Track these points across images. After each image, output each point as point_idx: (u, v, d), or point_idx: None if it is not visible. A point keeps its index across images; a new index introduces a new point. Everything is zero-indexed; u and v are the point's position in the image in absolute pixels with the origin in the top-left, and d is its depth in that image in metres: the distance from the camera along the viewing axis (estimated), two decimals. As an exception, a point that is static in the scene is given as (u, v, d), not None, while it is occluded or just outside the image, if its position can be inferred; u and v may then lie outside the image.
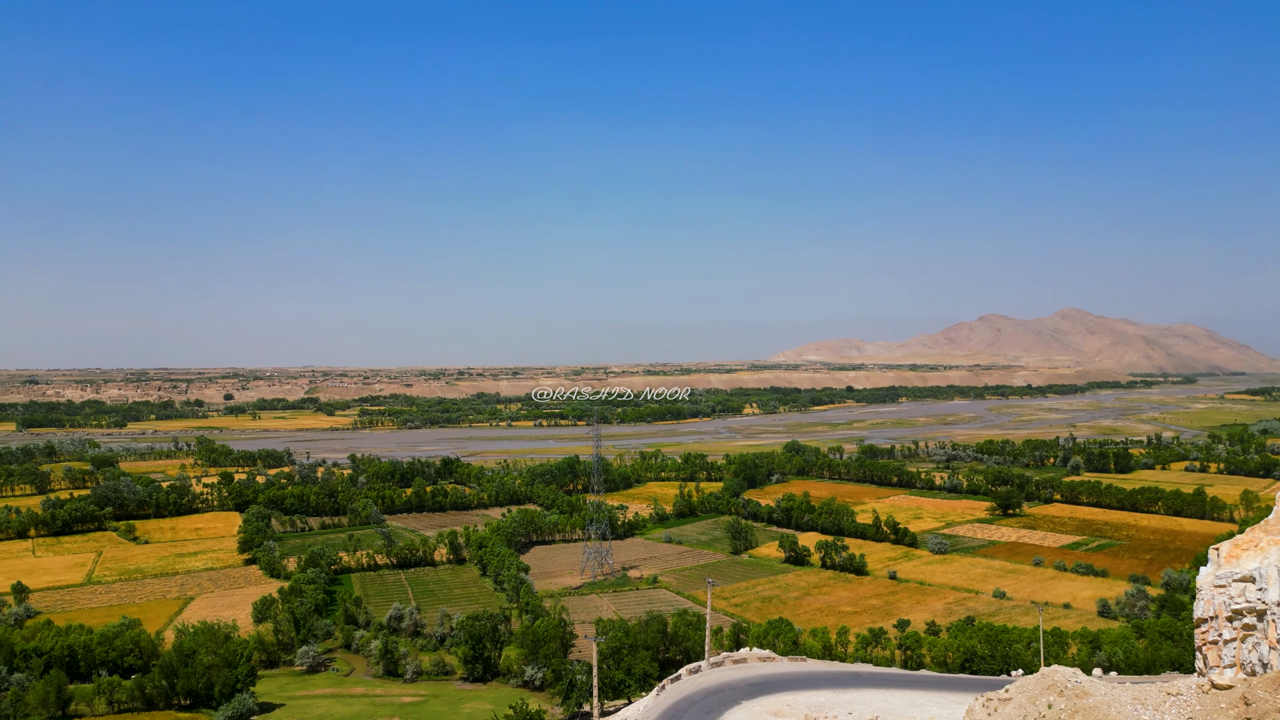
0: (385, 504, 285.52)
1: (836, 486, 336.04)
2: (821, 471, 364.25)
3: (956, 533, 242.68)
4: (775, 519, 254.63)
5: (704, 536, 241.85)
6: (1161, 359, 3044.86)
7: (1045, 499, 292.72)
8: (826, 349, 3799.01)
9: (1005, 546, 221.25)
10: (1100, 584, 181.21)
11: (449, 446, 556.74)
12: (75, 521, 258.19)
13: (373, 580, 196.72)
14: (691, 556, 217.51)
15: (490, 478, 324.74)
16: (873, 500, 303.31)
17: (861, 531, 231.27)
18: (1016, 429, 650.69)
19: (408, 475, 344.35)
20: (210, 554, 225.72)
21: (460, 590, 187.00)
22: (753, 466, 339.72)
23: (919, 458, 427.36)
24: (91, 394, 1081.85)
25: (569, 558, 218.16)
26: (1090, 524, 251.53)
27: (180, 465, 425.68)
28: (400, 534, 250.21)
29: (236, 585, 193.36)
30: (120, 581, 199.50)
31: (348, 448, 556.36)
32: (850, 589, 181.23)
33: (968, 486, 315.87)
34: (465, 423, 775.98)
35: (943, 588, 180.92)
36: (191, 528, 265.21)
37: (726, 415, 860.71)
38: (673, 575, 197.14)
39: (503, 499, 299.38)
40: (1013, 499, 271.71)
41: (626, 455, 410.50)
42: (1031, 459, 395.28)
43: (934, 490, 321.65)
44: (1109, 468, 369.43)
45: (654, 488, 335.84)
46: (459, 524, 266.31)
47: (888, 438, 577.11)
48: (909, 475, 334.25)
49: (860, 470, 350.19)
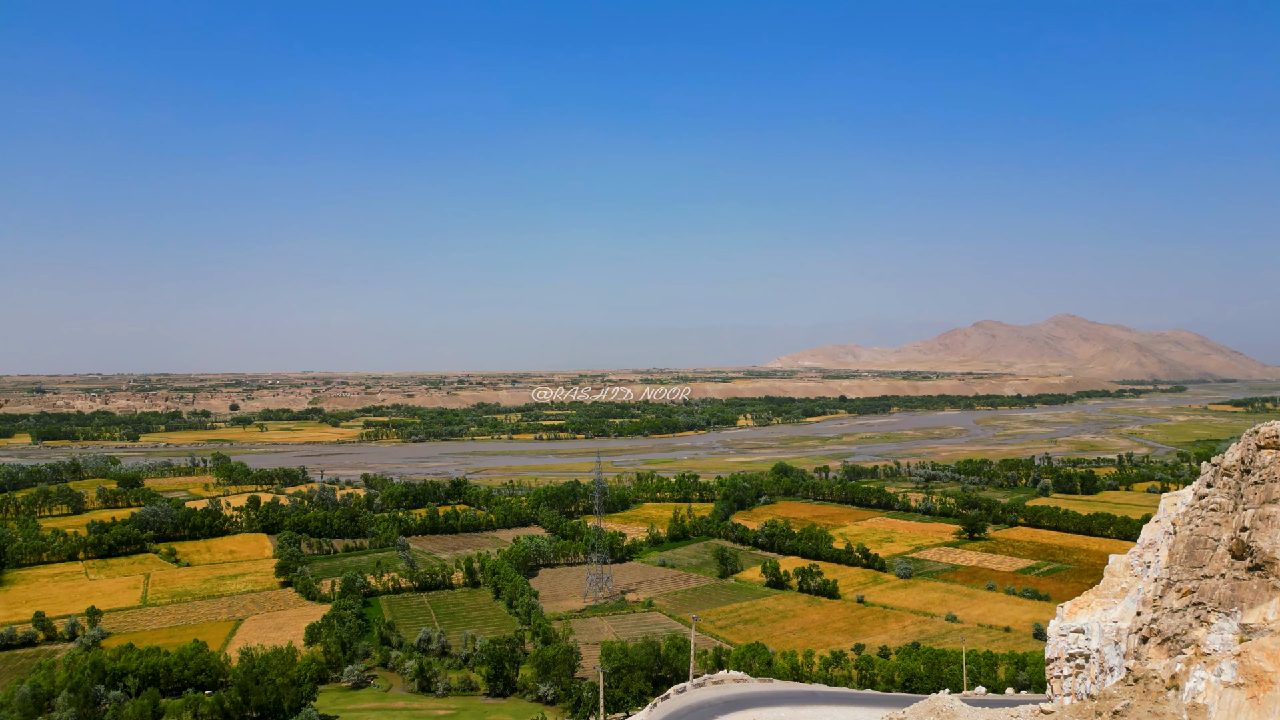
0: (401, 526, 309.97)
1: (819, 508, 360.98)
2: (806, 492, 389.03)
3: (924, 556, 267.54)
4: (760, 543, 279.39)
5: (694, 560, 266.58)
6: (1154, 365, 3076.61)
7: (1010, 522, 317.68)
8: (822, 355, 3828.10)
9: (965, 571, 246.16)
10: (1040, 608, 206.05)
11: (454, 462, 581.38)
12: (120, 544, 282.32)
13: (399, 603, 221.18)
14: (683, 580, 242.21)
15: (497, 500, 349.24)
16: (851, 522, 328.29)
17: (836, 556, 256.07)
18: (999, 444, 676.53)
19: (420, 496, 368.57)
20: (249, 576, 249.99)
21: (477, 613, 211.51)
22: (742, 489, 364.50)
23: (900, 477, 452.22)
24: (100, 404, 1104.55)
25: (573, 581, 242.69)
26: (1046, 548, 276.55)
27: (203, 484, 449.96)
28: (418, 557, 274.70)
29: (278, 608, 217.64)
30: (173, 604, 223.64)
31: (357, 463, 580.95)
32: (822, 612, 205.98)
33: (940, 509, 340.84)
34: (467, 435, 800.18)
35: (903, 611, 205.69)
36: (226, 550, 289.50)
37: (721, 428, 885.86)
38: (666, 598, 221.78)
39: (510, 521, 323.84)
40: (979, 523, 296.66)
41: (624, 475, 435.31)
42: (1005, 479, 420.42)
43: (909, 512, 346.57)
44: (1075, 489, 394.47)
45: (650, 509, 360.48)
46: (471, 546, 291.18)
47: (874, 454, 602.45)
48: (888, 497, 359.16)
49: (842, 492, 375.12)
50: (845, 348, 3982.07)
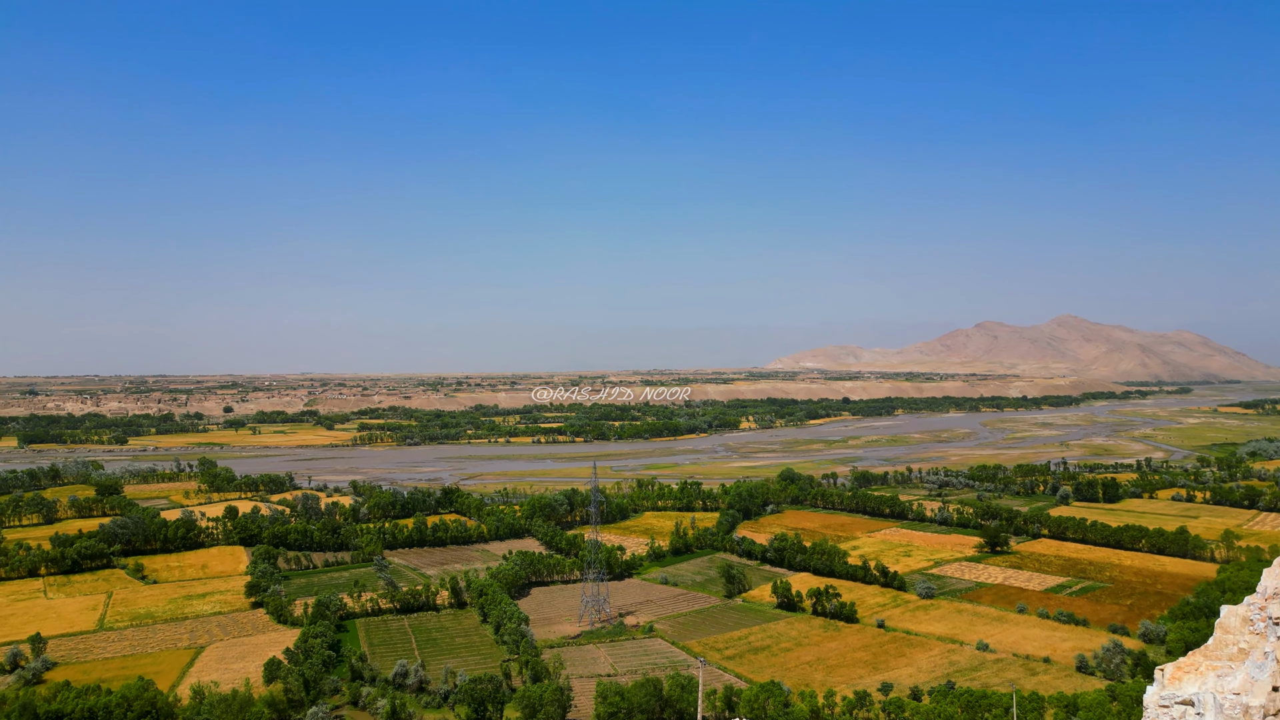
0: (387, 539, 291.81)
1: (829, 517, 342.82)
2: (815, 501, 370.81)
3: (945, 572, 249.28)
4: (769, 558, 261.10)
5: (699, 577, 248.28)
6: (1157, 366, 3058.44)
7: (1033, 534, 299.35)
8: (823, 356, 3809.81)
9: (991, 590, 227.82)
10: (1080, 634, 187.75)
11: (448, 467, 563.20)
12: (85, 559, 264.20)
13: (377, 627, 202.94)
14: (686, 600, 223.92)
15: (490, 510, 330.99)
16: (864, 534, 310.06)
17: (851, 573, 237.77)
18: (1009, 448, 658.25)
19: (408, 505, 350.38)
20: (218, 595, 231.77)
21: (462, 639, 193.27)
22: (748, 497, 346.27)
23: (911, 484, 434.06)
24: (91, 406, 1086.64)
25: (567, 601, 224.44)
26: (1075, 563, 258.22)
27: (185, 491, 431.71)
28: (402, 573, 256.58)
29: (245, 632, 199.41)
30: (132, 627, 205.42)
31: (348, 468, 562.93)
32: (839, 640, 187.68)
33: (958, 519, 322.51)
34: (463, 438, 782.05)
35: (928, 638, 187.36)
36: (198, 564, 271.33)
37: (723, 431, 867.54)
38: (668, 622, 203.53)
39: (502, 532, 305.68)
40: (1001, 535, 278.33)
41: (623, 482, 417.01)
42: (1022, 486, 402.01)
43: (925, 523, 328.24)
44: (1097, 497, 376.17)
45: (651, 519, 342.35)
46: (460, 561, 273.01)
47: (881, 459, 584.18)
48: (901, 506, 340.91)
49: (853, 500, 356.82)
50: (846, 349, 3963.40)
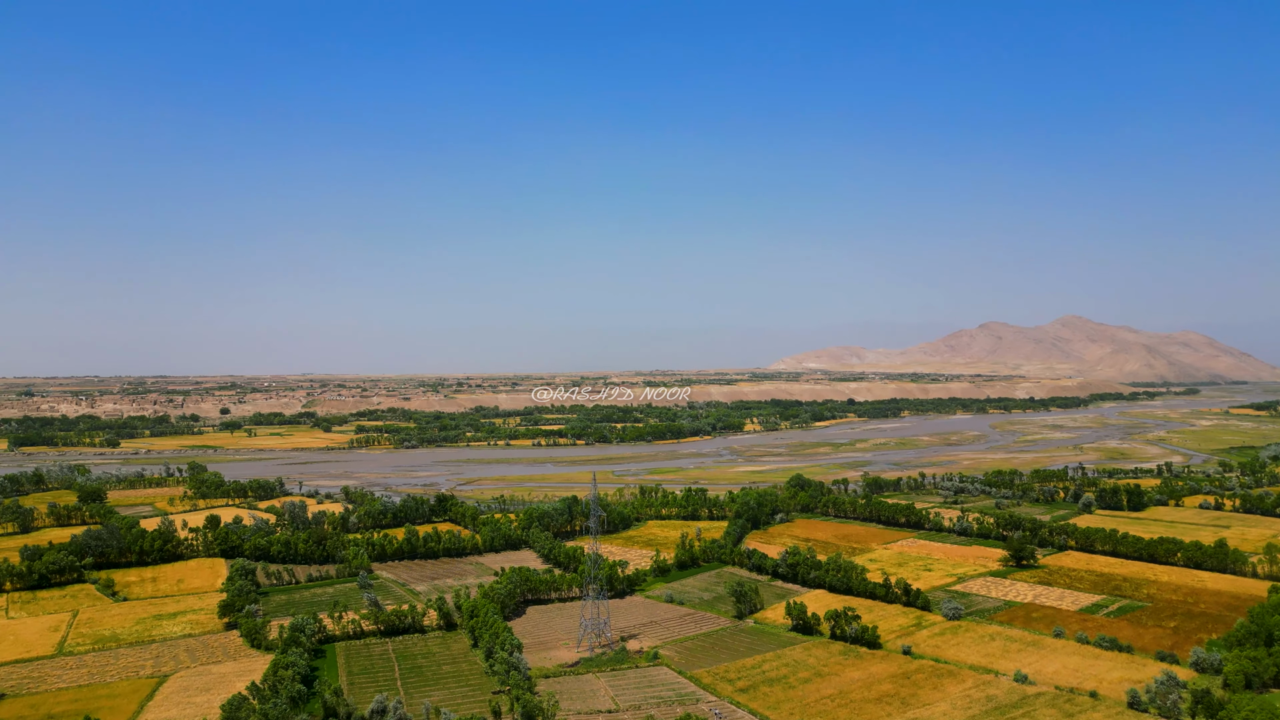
0: (375, 551, 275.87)
1: (842, 527, 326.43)
2: (827, 509, 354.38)
3: (970, 589, 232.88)
4: (781, 573, 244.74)
5: (706, 594, 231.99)
6: (1163, 367, 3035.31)
7: (1059, 546, 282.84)
8: (827, 357, 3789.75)
9: (1022, 610, 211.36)
10: (1126, 663, 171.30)
11: (445, 471, 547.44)
12: (53, 573, 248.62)
13: (358, 653, 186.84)
14: (693, 621, 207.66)
15: (485, 519, 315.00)
16: (879, 545, 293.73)
17: (871, 591, 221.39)
18: (1022, 451, 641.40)
19: (401, 515, 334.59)
20: (191, 615, 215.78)
21: (450, 667, 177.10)
22: (756, 506, 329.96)
23: (925, 490, 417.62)
24: (86, 408, 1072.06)
25: (565, 622, 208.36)
26: (1108, 579, 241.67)
27: (171, 497, 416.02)
28: (390, 589, 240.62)
29: (214, 658, 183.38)
30: (94, 652, 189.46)
31: (343, 472, 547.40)
32: (863, 668, 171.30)
33: (978, 530, 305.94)
34: (462, 441, 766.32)
35: (960, 667, 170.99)
36: (174, 579, 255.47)
37: (727, 433, 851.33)
38: (674, 647, 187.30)
39: (498, 544, 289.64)
40: (1026, 548, 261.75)
41: (626, 489, 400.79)
42: (1041, 493, 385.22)
43: (943, 533, 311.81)
44: (1121, 505, 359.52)
45: (654, 528, 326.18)
46: (452, 575, 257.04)
47: (891, 463, 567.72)
48: (918, 515, 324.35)
49: (867, 509, 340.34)
50: (850, 349, 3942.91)
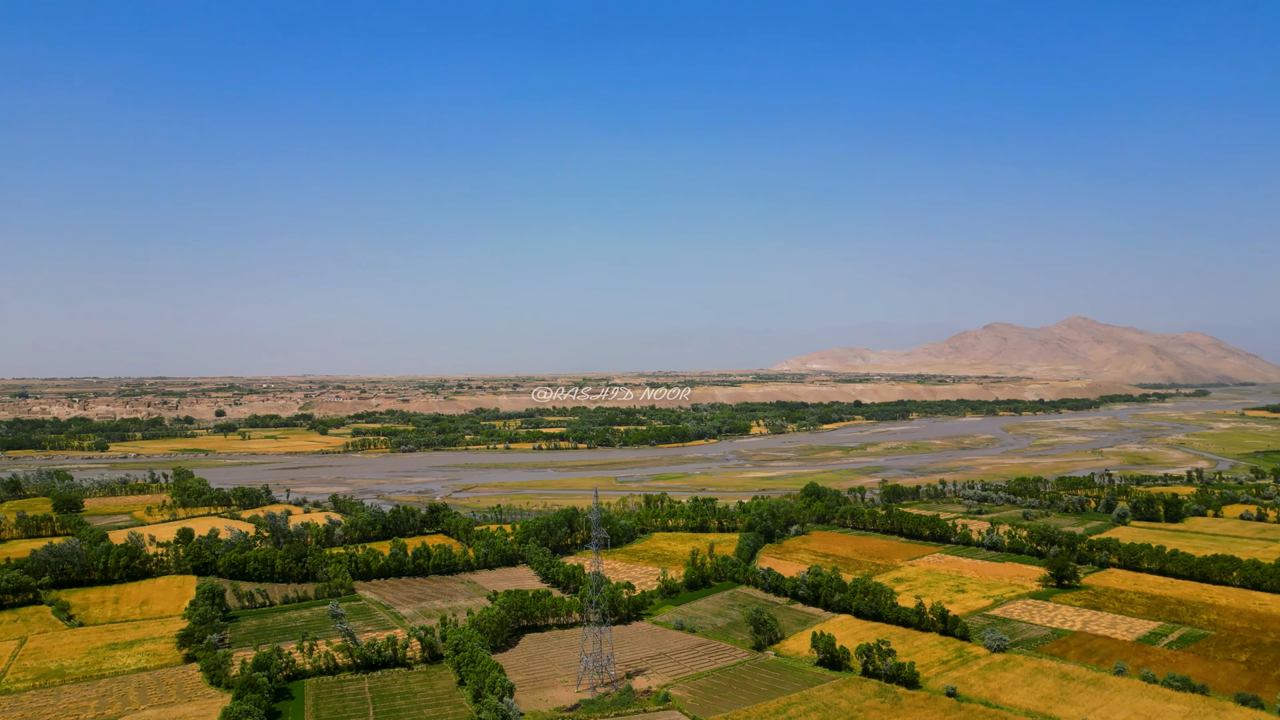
0: (359, 568, 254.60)
1: (862, 541, 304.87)
2: (844, 520, 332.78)
3: (1010, 613, 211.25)
4: (801, 595, 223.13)
5: (720, 619, 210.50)
6: (1170, 369, 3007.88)
7: (1100, 563, 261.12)
8: (831, 358, 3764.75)
9: (1073, 640, 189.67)
10: (1204, 707, 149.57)
11: (442, 477, 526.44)
12: (6, 594, 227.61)
13: (329, 691, 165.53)
14: (707, 653, 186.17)
15: (480, 532, 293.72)
16: (904, 561, 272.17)
17: (904, 618, 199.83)
18: (1039, 456, 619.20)
19: (390, 526, 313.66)
20: (149, 644, 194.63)
21: (432, 710, 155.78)
22: (769, 517, 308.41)
23: (946, 498, 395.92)
24: (78, 410, 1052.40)
25: (564, 653, 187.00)
26: (1161, 602, 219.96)
27: (153, 505, 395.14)
28: (372, 612, 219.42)
29: (168, 699, 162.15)
30: (34, 689, 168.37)
31: (336, 477, 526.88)
32: (903, 715, 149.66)
33: (1010, 544, 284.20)
34: (461, 444, 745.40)
35: (1015, 713, 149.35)
36: (139, 600, 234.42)
37: (733, 436, 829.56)
38: (686, 686, 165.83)
39: (493, 560, 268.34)
40: (1066, 566, 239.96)
41: (630, 497, 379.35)
42: (1070, 503, 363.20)
43: (971, 547, 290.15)
44: (1158, 516, 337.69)
45: (661, 541, 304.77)
46: (441, 595, 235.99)
47: (905, 469, 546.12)
48: (943, 528, 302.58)
49: (887, 520, 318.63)
50: (854, 350, 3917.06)
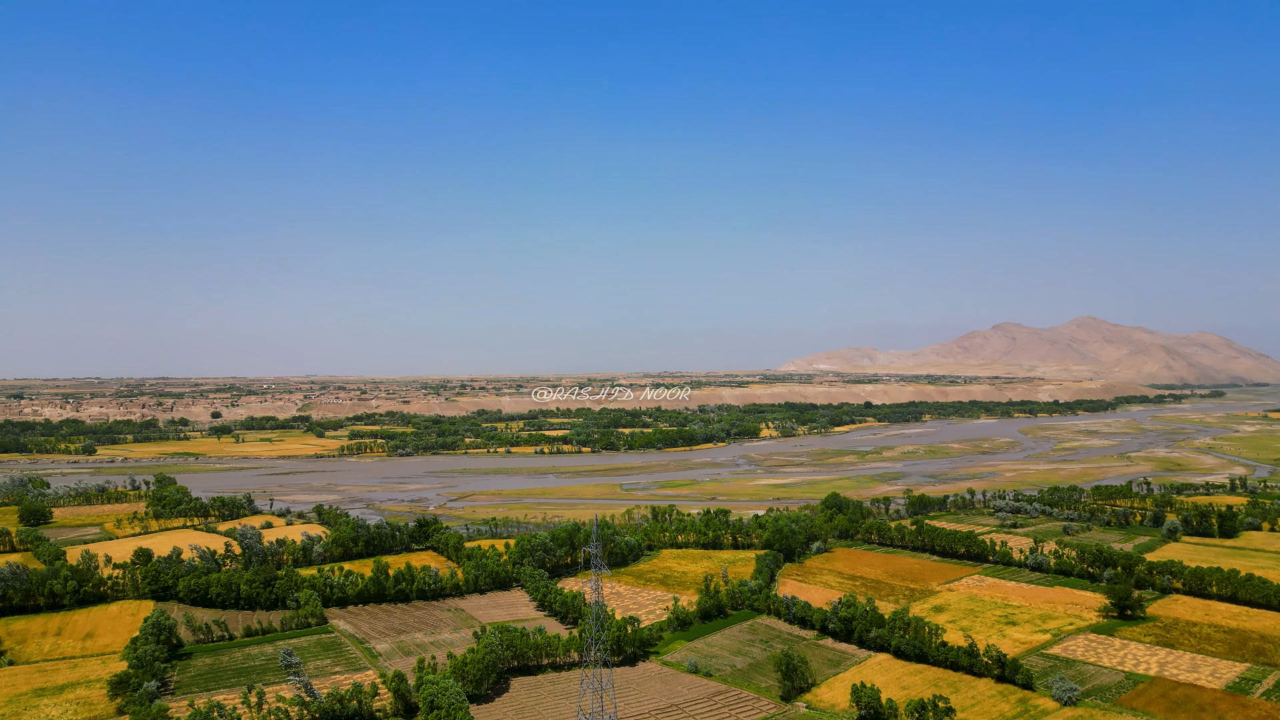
0: (334, 593, 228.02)
1: (891, 559, 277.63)
2: (869, 535, 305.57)
3: (1072, 652, 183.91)
4: (831, 629, 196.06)
5: (739, 659, 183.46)
6: (1183, 369, 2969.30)
7: (1162, 588, 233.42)
8: (838, 358, 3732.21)
9: (1154, 689, 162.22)
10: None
11: (438, 484, 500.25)
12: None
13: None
14: (727, 705, 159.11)
15: (471, 552, 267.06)
16: (940, 584, 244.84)
17: (954, 660, 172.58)
18: (1065, 461, 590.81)
19: (373, 543, 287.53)
20: (81, 689, 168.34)
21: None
22: (788, 533, 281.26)
23: (975, 510, 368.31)
24: (71, 412, 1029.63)
25: (559, 704, 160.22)
26: (1243, 637, 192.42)
27: (120, 517, 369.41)
28: (343, 648, 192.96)
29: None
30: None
31: (326, 484, 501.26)
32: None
33: (1056, 565, 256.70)
34: (460, 448, 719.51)
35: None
36: (84, 630, 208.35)
37: (742, 439, 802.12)
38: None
39: (483, 583, 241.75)
40: (1129, 594, 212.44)
41: (636, 509, 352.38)
42: (1114, 516, 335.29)
43: (1013, 568, 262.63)
44: (1212, 530, 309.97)
45: (670, 560, 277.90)
46: (424, 625, 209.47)
47: (926, 475, 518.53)
48: (980, 546, 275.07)
49: (917, 536, 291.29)
50: (861, 350, 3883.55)
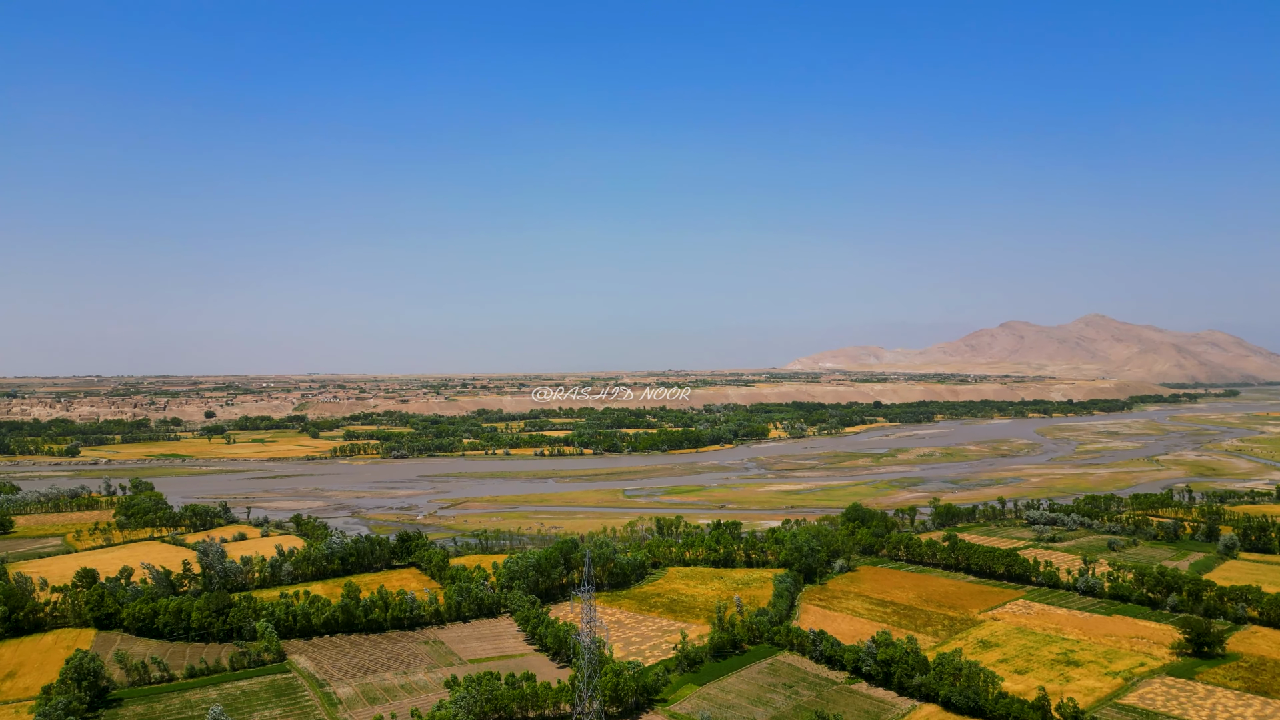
0: (298, 622, 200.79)
1: (923, 580, 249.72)
2: (896, 551, 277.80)
3: (1152, 702, 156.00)
4: (866, 672, 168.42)
5: (762, 712, 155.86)
6: (1194, 368, 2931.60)
7: (1235, 616, 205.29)
8: (843, 356, 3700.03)
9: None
10: None
11: (430, 490, 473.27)
12: None
13: None
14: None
15: (455, 572, 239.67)
16: (983, 611, 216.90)
17: (1018, 716, 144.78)
18: (1091, 465, 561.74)
19: (350, 560, 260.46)
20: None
21: None
22: (808, 552, 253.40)
23: (1007, 520, 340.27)
24: (61, 411, 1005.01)
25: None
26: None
27: (90, 525, 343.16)
28: (299, 692, 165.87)
29: None
30: None
31: (312, 489, 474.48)
32: None
33: (1111, 589, 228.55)
34: (458, 450, 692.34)
35: None
36: (9, 667, 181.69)
37: (750, 440, 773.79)
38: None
39: (467, 610, 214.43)
40: (1205, 628, 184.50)
41: (638, 522, 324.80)
42: (1160, 529, 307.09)
43: (1060, 591, 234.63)
44: (1272, 546, 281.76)
45: (677, 581, 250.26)
46: (396, 663, 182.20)
47: (946, 480, 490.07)
48: (1021, 565, 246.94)
49: (950, 554, 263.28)
50: (867, 349, 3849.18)
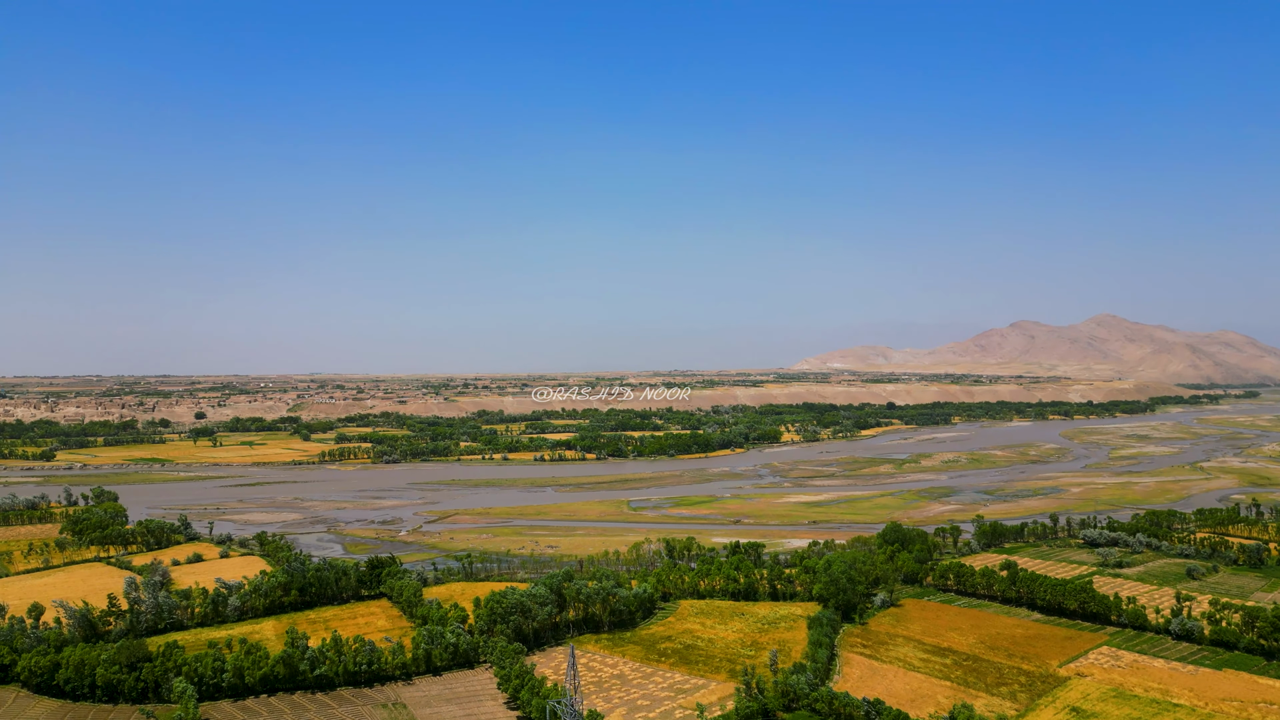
0: (228, 678, 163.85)
1: (981, 619, 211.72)
2: (944, 580, 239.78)
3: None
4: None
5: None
6: (1209, 368, 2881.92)
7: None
8: (851, 356, 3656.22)
9: None
10: None
11: (419, 498, 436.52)
12: None
13: None
14: None
15: (427, 610, 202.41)
16: (1061, 661, 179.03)
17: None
18: (1130, 473, 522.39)
19: (311, 590, 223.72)
20: None
21: None
22: (846, 584, 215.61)
23: (1060, 540, 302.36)
24: (46, 412, 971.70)
25: None
26: None
27: (36, 542, 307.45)
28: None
29: None
30: None
31: (292, 498, 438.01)
32: None
33: (1213, 633, 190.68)
34: (454, 454, 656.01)
35: None
36: None
37: (762, 444, 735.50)
38: None
39: (439, 659, 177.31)
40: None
41: (645, 542, 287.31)
42: (1242, 553, 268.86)
43: (1148, 635, 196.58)
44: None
45: (691, 620, 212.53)
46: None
47: (978, 490, 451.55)
48: (1099, 602, 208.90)
49: (1010, 586, 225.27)
50: (875, 349, 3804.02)
